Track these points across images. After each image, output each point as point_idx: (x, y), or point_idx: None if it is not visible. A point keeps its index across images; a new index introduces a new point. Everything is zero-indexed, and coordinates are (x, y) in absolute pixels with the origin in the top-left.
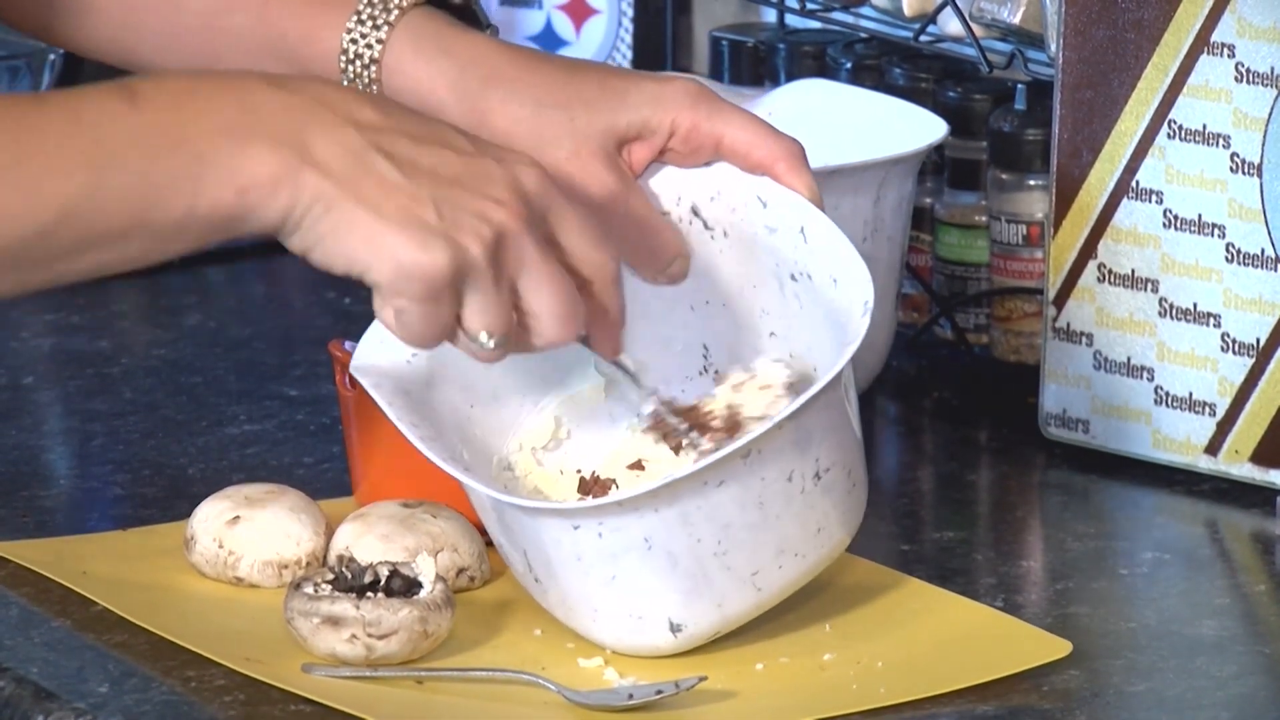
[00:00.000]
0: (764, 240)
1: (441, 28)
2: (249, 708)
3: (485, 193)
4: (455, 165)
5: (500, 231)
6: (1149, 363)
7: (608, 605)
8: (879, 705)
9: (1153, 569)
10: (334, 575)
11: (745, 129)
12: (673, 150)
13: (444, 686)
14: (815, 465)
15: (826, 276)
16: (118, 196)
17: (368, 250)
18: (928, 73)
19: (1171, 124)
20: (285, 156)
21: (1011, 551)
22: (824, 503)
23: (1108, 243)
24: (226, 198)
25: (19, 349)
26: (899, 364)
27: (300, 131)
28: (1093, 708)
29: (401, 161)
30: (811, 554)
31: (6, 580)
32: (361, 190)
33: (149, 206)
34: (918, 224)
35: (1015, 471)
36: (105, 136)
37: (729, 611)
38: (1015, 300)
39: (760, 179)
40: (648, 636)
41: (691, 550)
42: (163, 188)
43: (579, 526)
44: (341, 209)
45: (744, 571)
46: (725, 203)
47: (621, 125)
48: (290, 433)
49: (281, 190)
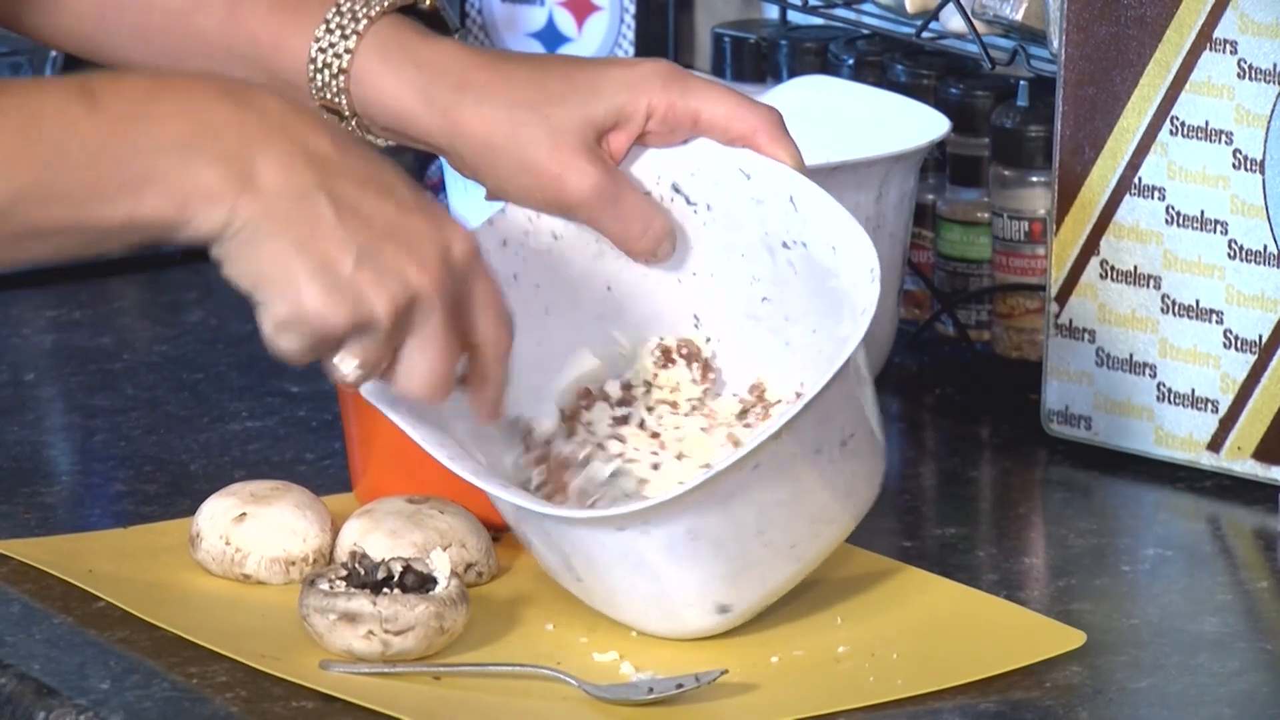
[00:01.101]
0: (751, 211)
1: (408, 37)
2: (252, 704)
3: (413, 250)
4: (391, 217)
5: (414, 295)
6: (1151, 359)
7: (657, 597)
8: (899, 697)
9: (1155, 565)
10: (347, 572)
11: (721, 103)
12: (651, 132)
13: (462, 682)
14: (840, 434)
15: (824, 244)
16: (62, 196)
17: (273, 282)
18: (930, 69)
19: (1174, 120)
20: (229, 176)
21: (1013, 548)
22: (851, 467)
23: (1110, 239)
24: (167, 209)
25: (20, 345)
26: (901, 360)
27: (250, 152)
28: (1095, 704)
29: (341, 205)
30: (844, 517)
31: (8, 576)
32: (291, 225)
33: (91, 209)
34: (920, 220)
35: (1017, 468)
36: (57, 137)
37: (772, 585)
38: (1017, 297)
39: (741, 151)
40: (698, 620)
41: (734, 534)
42: (107, 193)
43: (624, 529)
44: (266, 238)
45: (783, 545)
46: (707, 177)
47: (598, 116)
48: (292, 429)
49: (219, 206)
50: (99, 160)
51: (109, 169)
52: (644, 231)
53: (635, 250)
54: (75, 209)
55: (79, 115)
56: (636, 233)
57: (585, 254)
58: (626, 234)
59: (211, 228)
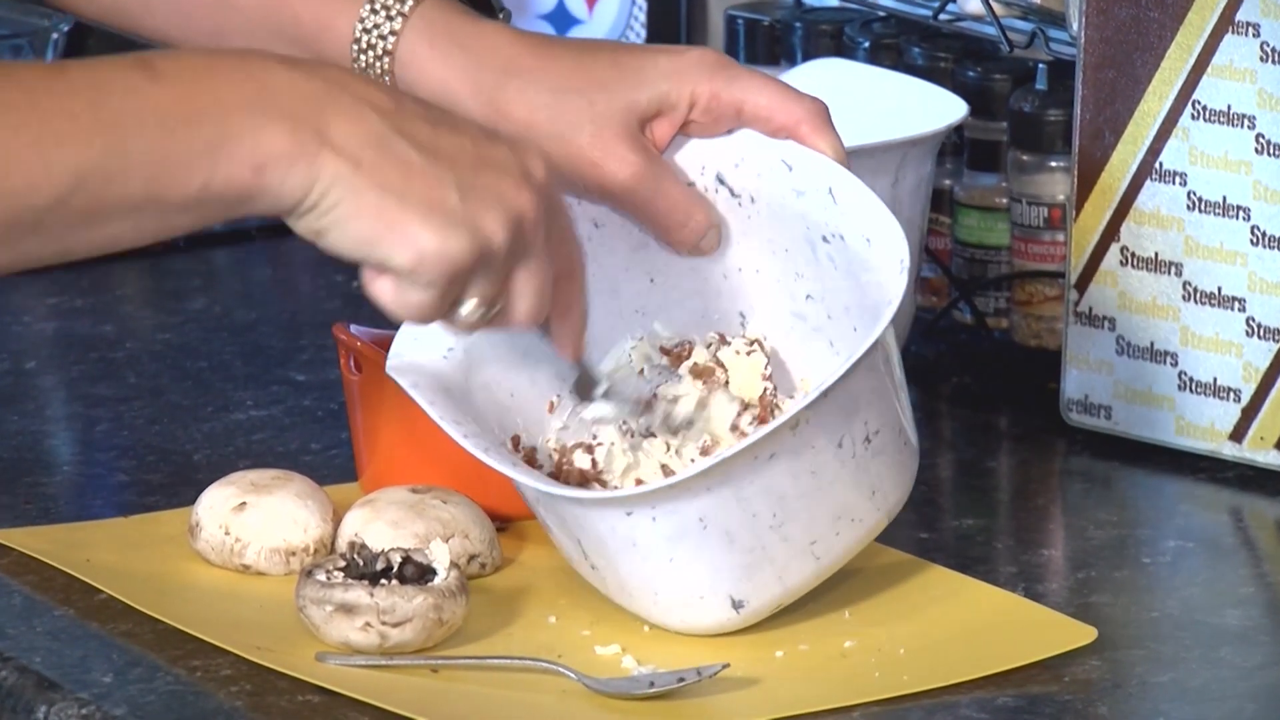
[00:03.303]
0: (792, 204)
1: (454, 19)
2: (256, 697)
3: (505, 176)
4: (472, 150)
5: (519, 216)
6: (1172, 348)
7: (668, 587)
8: (903, 693)
9: (1176, 558)
10: (345, 562)
11: (765, 93)
12: (694, 122)
13: (460, 675)
14: (864, 429)
15: (859, 236)
16: (134, 168)
17: (389, 236)
18: (947, 52)
19: (1195, 105)
20: (303, 137)
21: (1032, 540)
22: (876, 465)
23: (1130, 225)
24: (243, 174)
25: (21, 333)
26: (918, 349)
27: (318, 113)
28: (1114, 698)
29: (421, 145)
30: (868, 518)
31: (9, 568)
32: (383, 174)
33: (165, 180)
34: (937, 206)
35: (1036, 458)
36: (125, 107)
37: (790, 583)
38: (1036, 284)
39: (784, 142)
40: (711, 615)
41: (748, 526)
42: (180, 161)
43: (632, 513)
44: (362, 193)
45: (802, 542)
46: (750, 169)
47: (641, 103)
48: (297, 418)
49: (298, 170)
50: (170, 128)
51: (181, 136)
52: (684, 223)
53: (676, 242)
54: (150, 181)
55: (144, 86)
56: (676, 223)
57: (628, 243)
58: (667, 224)
59: (293, 193)
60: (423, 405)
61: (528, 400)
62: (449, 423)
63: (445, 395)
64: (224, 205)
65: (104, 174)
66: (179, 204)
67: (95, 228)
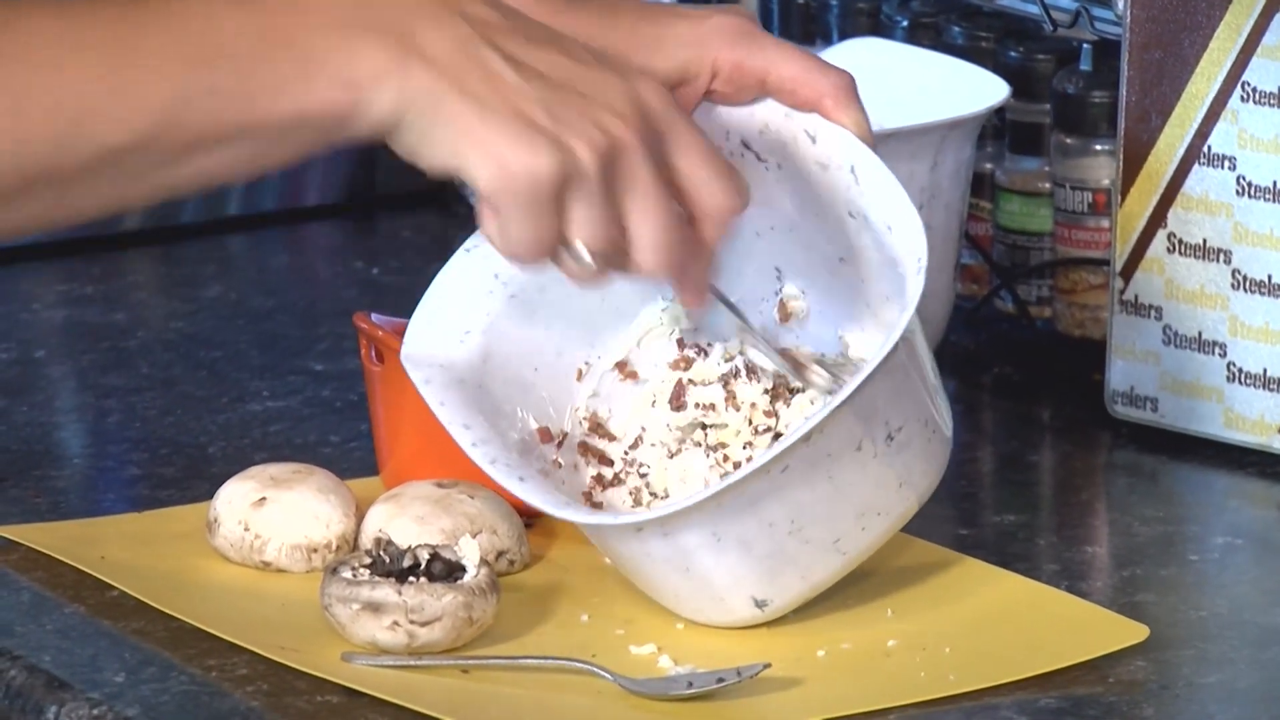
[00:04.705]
0: (817, 175)
1: None
2: (273, 698)
3: (603, 102)
4: (572, 70)
5: (615, 143)
6: (1221, 337)
7: (687, 591)
8: (950, 693)
9: (1224, 554)
10: (371, 559)
11: (790, 63)
12: (717, 91)
13: (491, 675)
14: (885, 428)
15: (882, 223)
16: (225, 96)
17: (470, 148)
18: (988, 31)
19: (1245, 86)
20: (393, 49)
21: (1075, 536)
22: (901, 459)
23: (1178, 211)
24: (336, 95)
25: (30, 321)
26: (957, 338)
27: (409, 23)
28: (1161, 700)
29: (513, 58)
30: (895, 509)
31: (17, 564)
32: (468, 83)
33: (257, 106)
34: (977, 191)
35: (1079, 452)
36: (211, 33)
37: (814, 580)
38: (1080, 271)
39: (808, 114)
40: (734, 613)
41: (765, 534)
42: (271, 86)
43: (642, 529)
44: (446, 103)
45: (825, 541)
46: (775, 136)
47: (660, 74)
48: (315, 409)
49: (389, 84)
50: (258, 49)
51: (270, 57)
52: None
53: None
54: (241, 106)
55: (228, 10)
56: None
57: None
58: None
59: (385, 110)
60: (432, 405)
61: (554, 372)
62: (458, 426)
63: (458, 390)
64: (322, 130)
65: (194, 106)
66: (274, 132)
67: (185, 164)
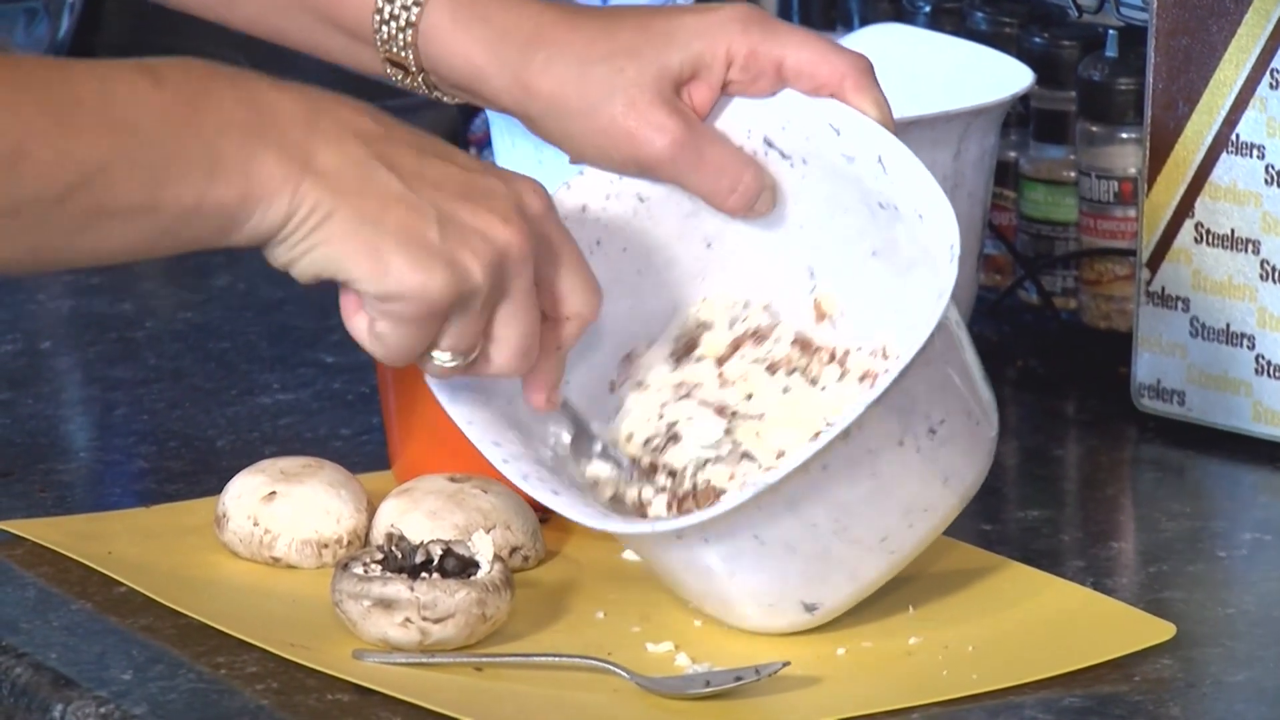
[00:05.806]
0: (844, 169)
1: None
2: (283, 696)
3: (490, 207)
4: (459, 179)
5: (503, 252)
6: (1249, 330)
7: (734, 597)
8: (973, 692)
9: (1253, 551)
10: (383, 555)
11: (805, 48)
12: (733, 81)
13: (505, 673)
14: (927, 422)
15: (912, 211)
16: (141, 169)
17: (365, 263)
18: (1012, 17)
19: (1274, 73)
20: (290, 164)
21: (1101, 532)
22: (945, 453)
23: (1205, 200)
24: (232, 196)
25: (36, 312)
26: (980, 330)
27: (306, 138)
28: (1188, 699)
29: (405, 173)
30: (942, 505)
31: (23, 559)
32: (363, 202)
33: (165, 188)
34: (1001, 180)
35: (1105, 446)
36: (135, 107)
37: (863, 580)
38: (1106, 262)
39: (830, 104)
40: (785, 618)
41: (809, 535)
42: (178, 173)
43: (683, 537)
44: (339, 219)
45: (871, 540)
46: (798, 132)
47: (674, 67)
48: (326, 402)
49: (281, 198)
50: (172, 134)
51: (182, 143)
52: (733, 187)
53: (728, 207)
54: (152, 184)
55: (148, 90)
56: (725, 188)
57: (678, 212)
58: (715, 190)
59: (275, 219)
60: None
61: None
62: (488, 444)
63: (485, 405)
64: (215, 226)
65: (109, 174)
66: (173, 217)
67: (94, 230)
